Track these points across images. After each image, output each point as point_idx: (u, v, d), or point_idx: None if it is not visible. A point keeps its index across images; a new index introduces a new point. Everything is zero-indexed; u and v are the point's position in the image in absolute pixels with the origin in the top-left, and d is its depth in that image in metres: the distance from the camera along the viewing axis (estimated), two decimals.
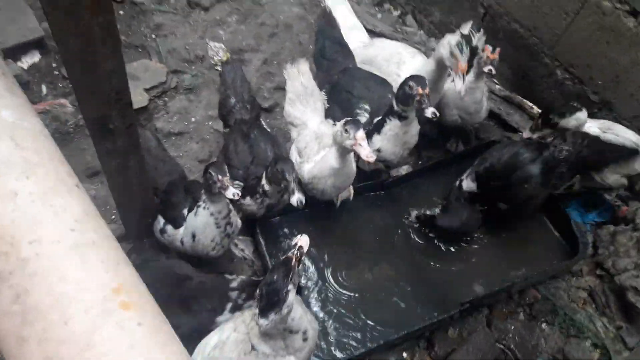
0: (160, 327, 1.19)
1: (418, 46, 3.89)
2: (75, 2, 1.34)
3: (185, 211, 2.50)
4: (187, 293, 2.31)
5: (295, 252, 1.89)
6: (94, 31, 1.39)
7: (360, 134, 2.24)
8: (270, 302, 1.79)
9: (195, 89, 3.61)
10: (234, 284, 2.38)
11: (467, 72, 2.95)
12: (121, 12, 4.07)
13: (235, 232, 2.62)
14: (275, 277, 1.81)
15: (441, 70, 2.83)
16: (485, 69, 2.85)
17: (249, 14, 4.19)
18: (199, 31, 4.01)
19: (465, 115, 3.03)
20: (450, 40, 2.67)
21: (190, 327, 2.25)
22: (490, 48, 2.83)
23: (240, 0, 4.26)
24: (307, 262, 2.85)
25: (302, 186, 2.78)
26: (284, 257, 1.90)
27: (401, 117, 2.64)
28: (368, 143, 2.77)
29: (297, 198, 2.31)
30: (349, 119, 2.35)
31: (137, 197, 2.40)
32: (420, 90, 2.43)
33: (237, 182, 2.65)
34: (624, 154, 2.80)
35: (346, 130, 2.27)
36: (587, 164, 2.84)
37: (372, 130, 2.77)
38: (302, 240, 1.95)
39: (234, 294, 2.35)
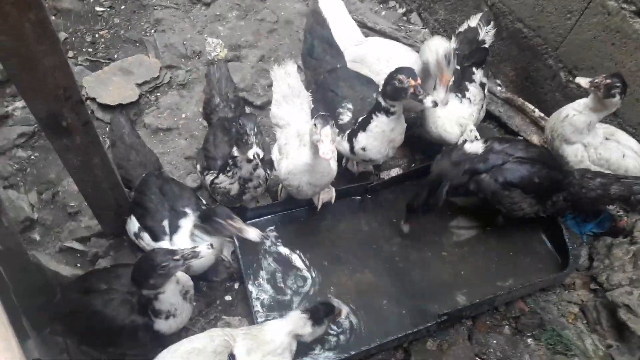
0: None
1: (419, 44, 3.78)
2: None
3: (165, 223, 2.40)
4: None
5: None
6: (25, 28, 1.35)
7: (326, 130, 2.16)
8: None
9: (189, 84, 3.59)
10: None
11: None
12: (122, 6, 4.08)
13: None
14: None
15: (426, 72, 2.74)
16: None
17: (250, 9, 4.14)
18: (198, 27, 3.99)
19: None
20: (439, 48, 2.59)
21: None
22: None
23: None
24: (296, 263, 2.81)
25: (281, 183, 2.71)
26: None
27: (389, 113, 2.55)
28: (353, 141, 2.70)
29: (254, 151, 2.24)
30: (321, 113, 2.28)
31: (108, 194, 2.38)
32: (412, 82, 2.34)
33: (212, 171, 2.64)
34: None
35: (315, 125, 2.21)
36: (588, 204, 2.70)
37: (358, 128, 2.68)
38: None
39: None
